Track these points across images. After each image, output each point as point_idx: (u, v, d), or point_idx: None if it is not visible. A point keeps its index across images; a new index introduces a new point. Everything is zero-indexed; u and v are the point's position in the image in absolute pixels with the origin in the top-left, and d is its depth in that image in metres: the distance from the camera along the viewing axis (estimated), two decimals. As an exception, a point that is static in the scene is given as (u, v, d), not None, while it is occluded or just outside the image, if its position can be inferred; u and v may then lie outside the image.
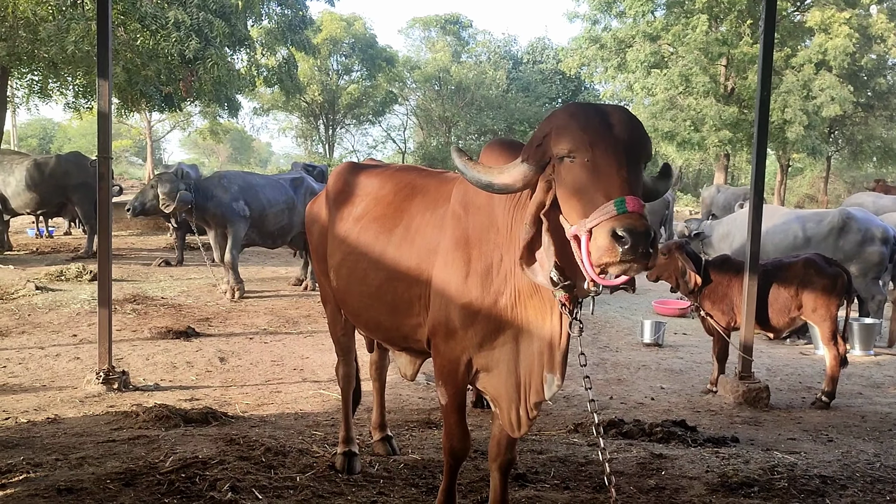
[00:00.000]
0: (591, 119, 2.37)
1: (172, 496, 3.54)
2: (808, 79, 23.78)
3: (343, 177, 3.83)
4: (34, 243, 15.49)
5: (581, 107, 2.45)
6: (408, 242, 3.16)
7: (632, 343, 8.66)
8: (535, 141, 2.46)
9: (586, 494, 3.83)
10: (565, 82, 39.98)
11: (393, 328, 3.34)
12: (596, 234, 2.20)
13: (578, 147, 2.33)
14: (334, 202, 3.77)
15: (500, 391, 2.89)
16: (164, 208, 10.08)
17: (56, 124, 55.54)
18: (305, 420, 5.30)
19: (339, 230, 3.65)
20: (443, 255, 2.95)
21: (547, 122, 2.46)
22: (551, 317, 2.68)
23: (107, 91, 6.00)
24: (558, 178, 2.39)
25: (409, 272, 3.12)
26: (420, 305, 3.11)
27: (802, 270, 6.32)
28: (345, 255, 3.55)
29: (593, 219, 2.21)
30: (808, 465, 4.46)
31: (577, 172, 2.32)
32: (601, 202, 2.22)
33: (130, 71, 13.12)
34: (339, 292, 3.71)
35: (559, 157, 2.37)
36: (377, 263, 3.29)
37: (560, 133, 2.37)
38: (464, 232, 2.90)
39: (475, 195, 2.88)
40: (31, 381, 6.25)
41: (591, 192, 2.27)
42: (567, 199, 2.36)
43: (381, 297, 3.29)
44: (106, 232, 6.11)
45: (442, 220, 3.04)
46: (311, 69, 34.50)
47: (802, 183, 37.78)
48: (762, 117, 6.30)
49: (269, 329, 8.61)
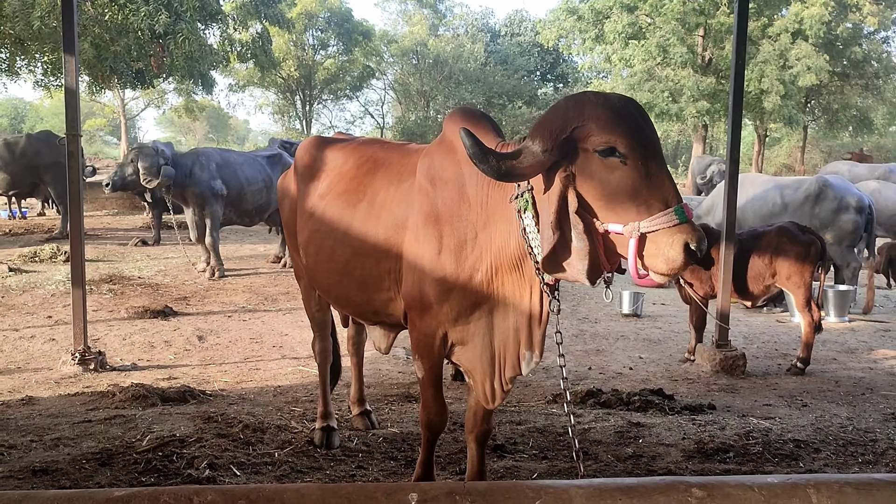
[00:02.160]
0: (634, 116, 2.34)
1: (150, 475, 3.53)
2: (785, 48, 23.86)
3: (309, 151, 3.78)
4: (7, 224, 15.28)
5: (619, 100, 2.38)
6: (373, 218, 3.14)
7: (610, 314, 8.71)
8: (555, 129, 2.33)
9: (564, 464, 3.86)
10: (543, 55, 39.81)
11: (363, 303, 3.34)
12: (662, 242, 2.24)
13: (629, 147, 2.28)
14: (301, 177, 3.75)
15: (474, 364, 2.91)
16: (147, 183, 9.94)
17: (27, 104, 54.59)
18: (284, 396, 5.29)
19: (306, 206, 3.62)
20: (413, 230, 2.92)
21: (574, 111, 2.35)
22: (531, 294, 2.69)
23: (73, 67, 5.86)
24: (588, 173, 2.33)
25: (376, 247, 3.10)
26: (390, 280, 3.10)
27: (776, 238, 6.36)
28: (312, 232, 3.53)
29: (652, 224, 2.24)
30: (783, 430, 4.53)
31: (626, 173, 2.29)
32: (658, 207, 2.26)
33: (99, 47, 12.83)
34: (310, 269, 3.70)
35: (595, 151, 2.30)
36: (343, 239, 3.27)
37: (601, 127, 2.29)
38: (433, 207, 2.87)
39: (442, 169, 2.87)
40: (5, 363, 6.17)
41: (645, 195, 2.28)
42: (606, 198, 2.32)
43: (350, 273, 3.28)
44: (77, 211, 6.01)
45: (408, 194, 3.01)
46: (286, 44, 34.01)
47: (780, 153, 38.04)
48: (737, 86, 6.30)
49: (247, 307, 8.56)
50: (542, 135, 2.35)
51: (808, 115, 29.65)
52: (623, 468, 3.82)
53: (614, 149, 2.29)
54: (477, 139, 2.38)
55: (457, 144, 2.82)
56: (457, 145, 2.82)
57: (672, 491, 2.15)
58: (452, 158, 2.86)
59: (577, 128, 2.32)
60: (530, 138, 2.37)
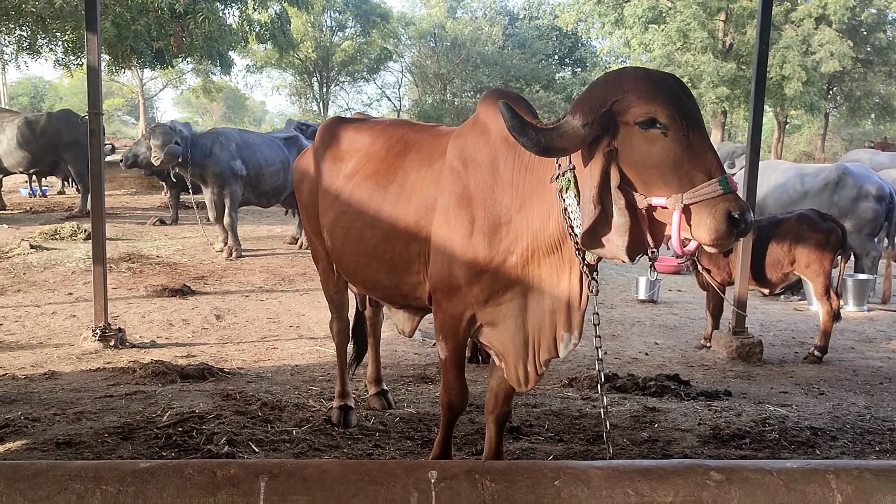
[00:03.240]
0: (674, 88, 2.33)
1: (170, 449, 3.58)
2: (808, 34, 23.52)
3: (331, 132, 3.70)
4: (28, 202, 15.43)
5: (658, 73, 2.38)
6: (404, 200, 3.09)
7: (626, 299, 8.69)
8: (595, 104, 2.32)
9: (580, 446, 3.87)
10: (562, 38, 39.45)
11: (392, 287, 3.29)
12: (705, 213, 2.22)
13: (670, 117, 2.27)
14: (323, 158, 3.67)
15: (506, 346, 2.87)
16: (154, 160, 10.02)
17: (47, 83, 54.82)
18: (301, 375, 5.33)
19: (330, 188, 3.55)
20: (443, 211, 2.88)
21: (613, 85, 2.34)
22: (569, 276, 2.67)
23: (95, 45, 5.89)
24: (629, 147, 2.31)
25: (407, 230, 3.06)
26: (420, 263, 3.06)
27: (796, 226, 6.32)
28: (338, 215, 3.46)
29: (696, 195, 2.23)
30: (800, 418, 4.52)
31: (667, 145, 2.28)
32: (701, 179, 2.25)
33: (120, 26, 12.86)
34: (335, 252, 3.62)
35: (635, 123, 2.29)
36: (373, 222, 3.22)
37: (640, 99, 2.28)
38: (465, 189, 2.82)
39: (475, 151, 2.82)
40: (27, 338, 6.26)
41: (687, 167, 2.27)
42: (648, 171, 2.31)
43: (379, 257, 3.23)
44: (98, 188, 6.06)
45: (439, 175, 2.96)
46: (305, 25, 33.88)
47: (800, 140, 37.62)
48: (760, 72, 6.23)
49: (264, 287, 8.61)
50: (582, 109, 2.32)
51: (829, 102, 29.28)
52: (638, 452, 3.84)
53: (655, 120, 2.28)
54: (516, 112, 2.35)
55: (490, 126, 2.79)
56: (490, 127, 2.79)
57: (690, 474, 2.16)
58: (486, 140, 2.82)
59: (617, 101, 2.30)
60: (571, 113, 2.34)
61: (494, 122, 2.77)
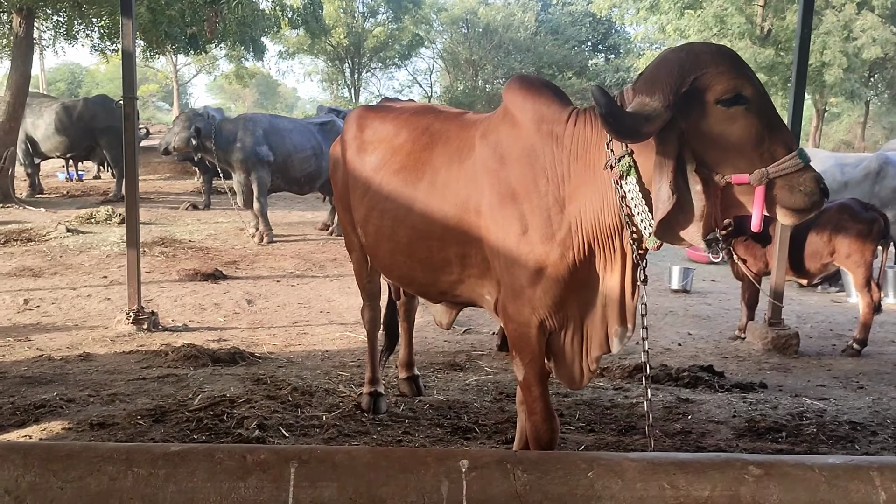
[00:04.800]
0: (745, 64, 2.28)
1: (201, 433, 3.60)
2: (849, 19, 22.94)
3: (357, 122, 3.61)
4: (64, 187, 15.69)
5: (728, 48, 2.32)
6: (436, 199, 2.95)
7: (659, 289, 8.58)
8: (674, 83, 2.22)
9: (611, 437, 3.83)
10: (595, 24, 38.97)
11: (429, 284, 3.18)
12: (792, 186, 2.21)
13: (753, 92, 2.23)
14: (350, 150, 3.59)
15: (563, 348, 2.75)
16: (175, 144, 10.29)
17: (84, 69, 55.62)
18: (332, 361, 5.34)
19: (358, 182, 3.47)
20: (489, 214, 2.72)
21: (690, 63, 2.24)
22: (622, 267, 2.56)
23: (130, 30, 5.93)
24: (706, 125, 2.24)
25: (443, 231, 2.92)
26: (459, 264, 2.94)
27: (837, 215, 6.16)
28: (369, 211, 3.37)
29: (781, 169, 2.20)
30: (838, 412, 4.42)
31: (750, 120, 2.23)
32: (781, 153, 2.23)
33: (155, 11, 12.93)
34: (369, 247, 3.56)
35: (718, 101, 2.22)
36: (404, 220, 3.10)
37: (724, 75, 2.22)
38: (507, 187, 2.67)
39: (509, 146, 2.69)
40: (63, 320, 6.36)
41: (768, 141, 2.23)
42: (728, 148, 2.24)
43: (414, 255, 3.12)
44: (132, 172, 6.11)
45: (473, 175, 2.82)
46: (337, 11, 33.89)
47: (839, 128, 36.83)
48: (801, 58, 6.08)
49: (295, 272, 8.65)
50: (660, 89, 2.22)
51: (870, 90, 28.57)
52: (671, 444, 3.78)
53: (740, 96, 2.22)
54: (611, 98, 2.22)
55: (520, 117, 2.68)
56: (520, 118, 2.68)
57: (728, 468, 2.10)
58: (518, 133, 2.69)
59: (697, 78, 2.23)
60: (645, 94, 2.23)
61: (523, 113, 2.68)
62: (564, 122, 2.58)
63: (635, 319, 2.62)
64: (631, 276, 2.56)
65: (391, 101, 3.91)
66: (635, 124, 2.19)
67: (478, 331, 6.46)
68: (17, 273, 7.94)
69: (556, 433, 2.81)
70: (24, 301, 6.84)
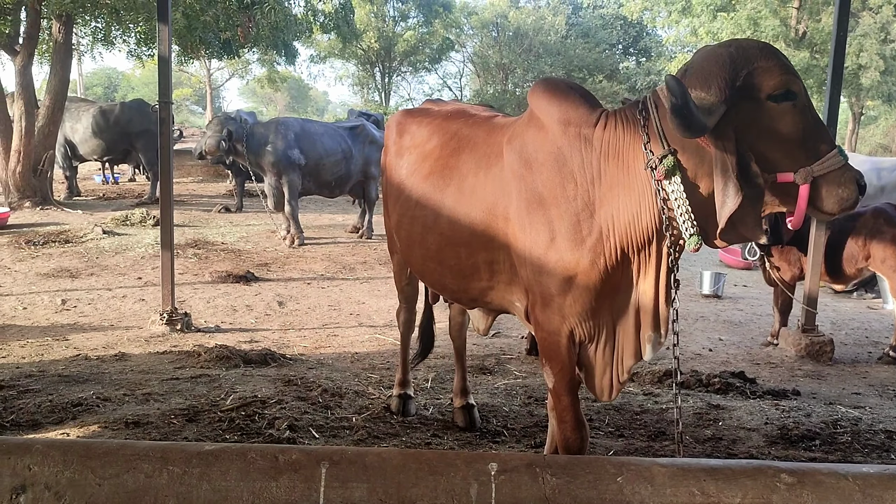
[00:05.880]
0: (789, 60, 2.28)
1: (233, 433, 3.65)
2: (887, 21, 22.53)
3: (396, 127, 3.61)
4: (101, 189, 15.97)
5: (773, 46, 2.32)
6: (464, 205, 2.91)
7: (690, 294, 8.50)
8: (728, 77, 2.20)
9: (641, 442, 3.81)
10: (626, 27, 38.73)
11: (460, 290, 3.16)
12: (835, 183, 2.22)
13: (800, 89, 2.23)
14: (390, 156, 3.60)
15: (595, 358, 2.68)
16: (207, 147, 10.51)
17: (120, 73, 56.68)
18: (361, 363, 5.38)
19: (392, 187, 3.48)
20: (517, 220, 2.67)
21: (740, 58, 2.23)
22: (657, 271, 2.50)
23: (166, 35, 6.03)
24: (755, 121, 2.23)
25: (471, 237, 2.89)
26: (488, 270, 2.91)
27: (872, 220, 6.07)
28: (400, 216, 3.38)
29: (825, 167, 2.21)
30: (874, 420, 4.35)
31: (797, 117, 2.23)
32: (824, 150, 2.23)
33: (190, 17, 13.16)
34: (403, 253, 3.57)
35: (769, 97, 2.21)
36: (433, 227, 3.09)
37: (774, 71, 2.21)
38: (534, 192, 2.61)
39: (535, 150, 2.65)
40: (99, 320, 6.48)
41: (812, 139, 2.24)
42: (774, 146, 2.24)
43: (444, 262, 3.10)
44: (167, 175, 6.22)
45: (501, 180, 2.77)
46: (368, 15, 34.15)
47: (876, 132, 36.16)
48: (837, 61, 5.99)
49: (326, 275, 8.72)
50: (716, 83, 2.19)
51: (908, 93, 28.00)
52: (702, 450, 3.75)
53: (790, 92, 2.21)
54: (686, 89, 2.16)
55: (545, 120, 2.64)
56: (546, 121, 2.64)
57: (760, 475, 2.09)
58: (545, 136, 2.63)
59: (749, 73, 2.22)
60: (700, 89, 2.20)
61: (549, 116, 2.64)
62: (593, 125, 2.54)
63: (668, 325, 2.55)
64: (665, 280, 2.50)
65: (433, 103, 3.84)
66: (703, 118, 2.15)
67: (507, 334, 6.46)
68: (56, 274, 8.11)
69: (586, 441, 2.75)
70: (61, 301, 6.98)
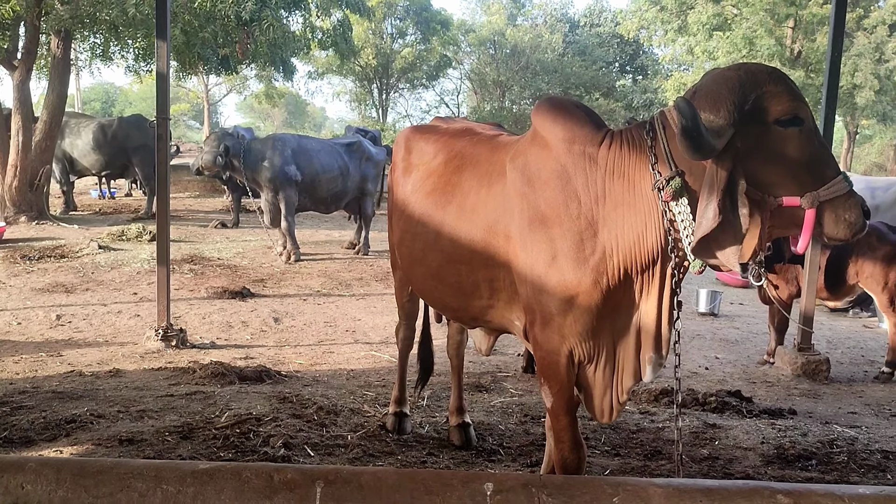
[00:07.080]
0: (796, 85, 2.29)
1: (228, 450, 3.63)
2: (881, 41, 22.73)
3: (403, 143, 3.60)
4: (97, 204, 15.96)
5: (780, 71, 2.32)
6: (465, 223, 2.90)
7: (686, 312, 8.43)
8: (737, 101, 2.20)
9: (637, 461, 3.79)
10: (623, 46, 38.99)
11: (460, 309, 3.15)
12: (841, 209, 2.23)
13: (807, 114, 2.24)
14: (397, 172, 3.57)
15: (595, 380, 2.64)
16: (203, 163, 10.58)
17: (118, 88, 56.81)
18: (357, 380, 5.37)
19: (397, 204, 3.48)
20: (518, 238, 2.66)
21: (749, 82, 2.24)
22: (659, 293, 2.48)
23: (165, 52, 6.06)
24: (762, 145, 2.23)
25: (472, 255, 2.88)
26: (488, 289, 2.90)
27: (864, 238, 6.08)
28: (402, 232, 3.38)
29: (831, 192, 2.21)
30: (870, 440, 4.34)
31: (804, 142, 2.23)
32: (830, 175, 2.24)
33: (188, 33, 13.25)
34: (404, 270, 3.56)
35: (776, 121, 2.21)
36: (434, 244, 3.08)
37: (784, 96, 2.22)
38: (536, 210, 2.60)
39: (538, 168, 2.63)
40: (94, 336, 6.46)
41: (819, 164, 2.25)
42: (779, 170, 2.24)
43: (444, 280, 3.09)
44: (165, 191, 6.22)
45: (503, 198, 2.75)
46: (366, 32, 34.30)
47: (871, 151, 36.37)
48: (832, 80, 6.04)
49: (322, 291, 8.71)
50: (725, 106, 2.20)
51: (903, 112, 28.19)
52: (698, 469, 3.73)
53: (798, 117, 2.22)
54: (696, 111, 2.15)
55: (550, 139, 2.63)
56: (550, 139, 2.63)
57: (755, 496, 2.08)
58: (549, 155, 2.62)
59: (757, 97, 2.22)
60: (709, 111, 2.21)
61: (553, 134, 2.63)
62: (598, 143, 2.54)
63: (669, 346, 2.54)
64: (668, 301, 2.48)
65: (441, 120, 3.81)
66: (713, 140, 2.16)
67: (503, 352, 6.45)
68: (51, 289, 8.09)
69: (584, 462, 2.72)
70: (56, 317, 6.96)
